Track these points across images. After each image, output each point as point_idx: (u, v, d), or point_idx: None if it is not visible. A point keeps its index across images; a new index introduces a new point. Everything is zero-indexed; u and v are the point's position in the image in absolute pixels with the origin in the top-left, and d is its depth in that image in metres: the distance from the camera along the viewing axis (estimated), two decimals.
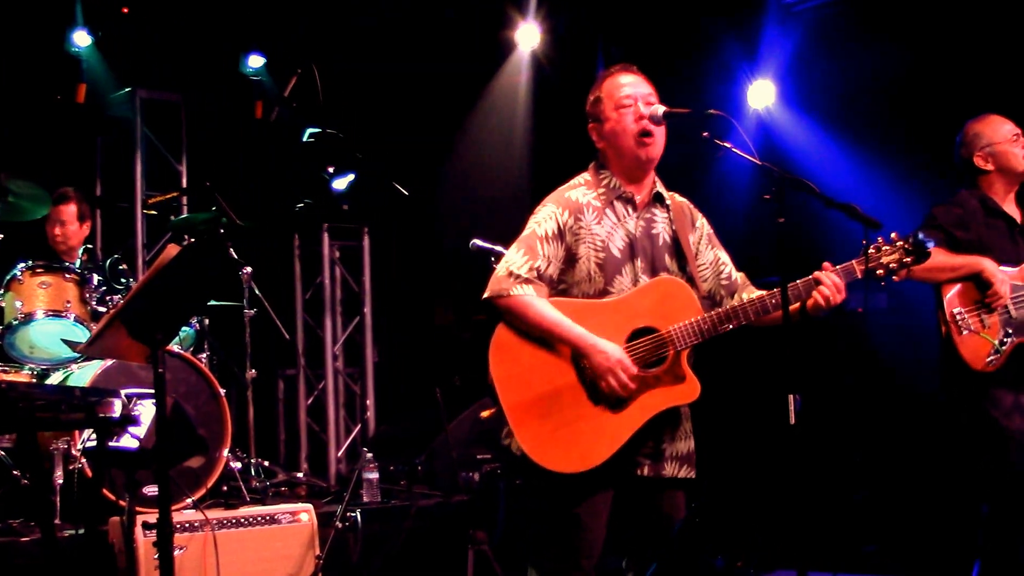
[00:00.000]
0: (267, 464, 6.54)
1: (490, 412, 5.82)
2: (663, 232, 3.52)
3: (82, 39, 7.09)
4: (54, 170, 6.77)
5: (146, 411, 4.69)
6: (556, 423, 3.29)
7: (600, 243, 3.42)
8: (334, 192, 7.49)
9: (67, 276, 5.71)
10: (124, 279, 6.01)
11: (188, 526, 4.65)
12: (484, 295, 3.40)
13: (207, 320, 6.25)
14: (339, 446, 7.86)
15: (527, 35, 7.91)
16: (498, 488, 5.57)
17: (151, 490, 5.07)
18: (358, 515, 5.47)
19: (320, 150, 7.44)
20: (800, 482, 3.36)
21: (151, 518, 4.41)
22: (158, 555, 3.76)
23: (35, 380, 5.52)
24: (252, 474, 6.15)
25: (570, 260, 3.42)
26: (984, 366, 4.17)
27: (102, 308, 5.69)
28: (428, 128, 7.85)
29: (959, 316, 4.22)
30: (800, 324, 3.35)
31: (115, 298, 5.76)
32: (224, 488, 5.59)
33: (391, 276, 8.30)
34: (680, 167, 3.91)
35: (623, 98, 3.46)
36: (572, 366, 3.33)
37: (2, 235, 5.85)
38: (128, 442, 4.37)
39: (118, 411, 3.63)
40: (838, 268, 3.38)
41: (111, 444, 4.33)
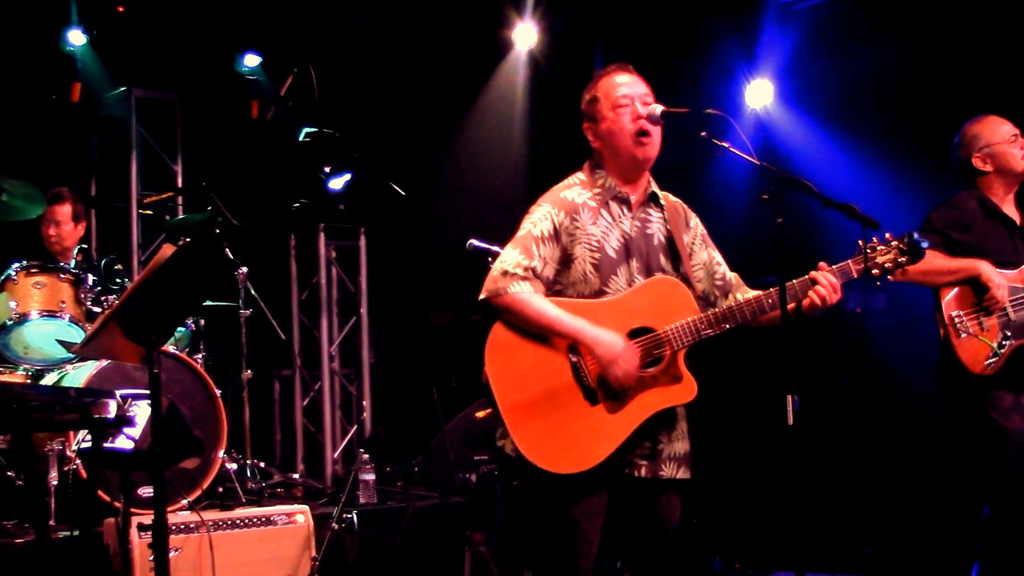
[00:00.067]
0: (263, 465, 6.53)
1: (485, 413, 5.81)
2: (658, 232, 3.51)
3: (77, 38, 7.06)
4: (49, 170, 6.76)
5: (141, 412, 4.66)
6: (553, 423, 3.28)
7: (596, 243, 3.41)
8: (330, 192, 7.47)
9: (62, 276, 5.69)
10: (119, 279, 5.99)
11: (183, 528, 4.65)
12: (480, 295, 3.38)
13: (203, 320, 6.24)
14: (335, 447, 7.84)
15: (524, 35, 7.88)
16: (495, 489, 5.56)
17: (146, 491, 5.06)
18: (354, 516, 5.46)
19: (316, 150, 7.43)
20: (798, 483, 3.36)
21: (146, 519, 4.40)
22: (153, 557, 3.76)
23: (30, 381, 5.51)
24: (248, 475, 6.14)
25: (565, 261, 3.40)
26: (983, 369, 4.16)
27: (97, 308, 5.68)
28: (425, 128, 7.83)
29: (957, 319, 4.20)
30: (796, 324, 3.33)
31: (110, 298, 5.75)
32: (220, 489, 5.60)
33: (388, 276, 8.28)
34: (679, 167, 3.89)
35: (620, 98, 3.44)
36: (569, 366, 3.32)
37: None
38: (123, 443, 4.35)
39: (113, 412, 3.63)
40: (834, 268, 3.38)
41: (106, 445, 4.31)
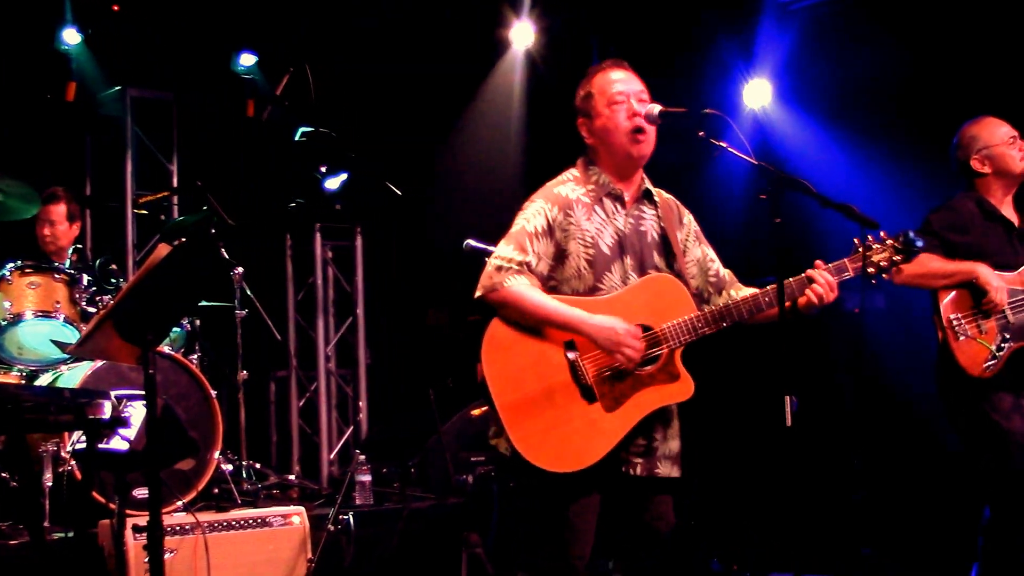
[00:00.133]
0: (259, 466, 6.51)
1: (482, 410, 5.80)
2: (651, 229, 3.50)
3: (72, 37, 7.02)
4: (43, 169, 6.75)
5: (136, 413, 4.65)
6: (549, 422, 3.27)
7: (589, 239, 3.40)
8: (326, 192, 7.45)
9: (56, 276, 5.67)
10: (114, 279, 5.98)
11: (179, 529, 4.64)
12: (477, 292, 3.38)
13: (198, 321, 6.23)
14: (331, 448, 7.82)
15: (521, 34, 7.87)
16: (492, 491, 5.54)
17: (141, 493, 5.04)
18: (351, 518, 5.45)
19: (312, 149, 7.41)
20: (796, 484, 3.34)
21: (141, 521, 4.37)
22: (148, 558, 3.74)
23: (24, 381, 5.50)
24: (243, 476, 6.12)
25: (559, 256, 3.40)
26: (981, 372, 4.14)
27: (92, 309, 5.66)
28: (421, 127, 7.82)
29: (956, 322, 4.18)
30: (792, 322, 3.33)
31: (105, 298, 5.73)
32: (215, 491, 5.58)
33: (384, 276, 8.26)
34: (676, 166, 3.88)
35: (616, 94, 3.44)
36: (566, 364, 3.30)
37: None
38: (118, 444, 4.34)
39: (108, 413, 3.62)
40: (831, 266, 3.38)
41: (101, 446, 4.30)
